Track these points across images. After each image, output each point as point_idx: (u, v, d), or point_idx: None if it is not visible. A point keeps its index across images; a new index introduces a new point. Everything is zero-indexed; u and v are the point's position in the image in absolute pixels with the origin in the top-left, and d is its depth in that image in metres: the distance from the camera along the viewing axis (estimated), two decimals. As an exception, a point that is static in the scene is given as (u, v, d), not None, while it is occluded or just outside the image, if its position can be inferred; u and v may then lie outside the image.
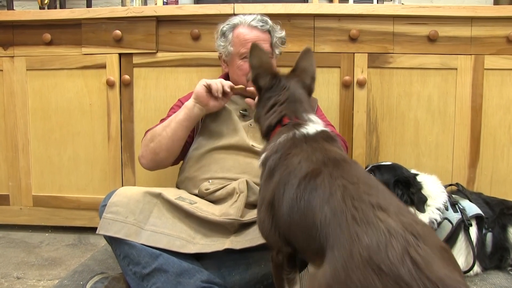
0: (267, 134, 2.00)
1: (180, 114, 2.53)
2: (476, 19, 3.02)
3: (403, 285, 1.19)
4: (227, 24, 2.76)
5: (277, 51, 2.78)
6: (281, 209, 1.68)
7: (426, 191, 2.44)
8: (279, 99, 1.98)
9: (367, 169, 2.58)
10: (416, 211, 2.38)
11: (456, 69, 3.05)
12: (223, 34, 2.77)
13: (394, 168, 2.50)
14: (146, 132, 2.67)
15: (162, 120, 2.71)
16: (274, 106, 1.99)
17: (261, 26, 2.71)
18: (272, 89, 2.03)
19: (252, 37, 2.66)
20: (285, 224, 1.67)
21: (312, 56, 2.18)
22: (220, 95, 2.50)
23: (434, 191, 2.46)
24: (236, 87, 2.56)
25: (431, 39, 3.03)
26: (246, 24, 2.71)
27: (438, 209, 2.40)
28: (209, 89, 2.49)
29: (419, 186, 2.43)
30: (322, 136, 1.84)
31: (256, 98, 2.15)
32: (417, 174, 2.51)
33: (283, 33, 2.80)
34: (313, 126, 1.87)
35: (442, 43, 3.04)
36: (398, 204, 1.44)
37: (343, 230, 1.36)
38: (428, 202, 2.41)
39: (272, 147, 1.86)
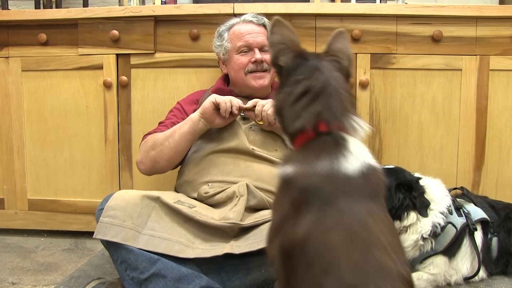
0: (293, 137, 1.54)
1: (185, 127, 2.53)
2: (481, 19, 3.02)
3: None
4: (224, 26, 2.82)
5: None
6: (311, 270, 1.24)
7: (429, 195, 2.44)
8: (311, 85, 1.51)
9: None
10: (419, 215, 2.38)
11: (461, 70, 3.05)
12: (220, 35, 2.81)
13: (396, 172, 2.49)
14: (145, 136, 2.68)
15: (160, 123, 2.71)
16: (305, 95, 1.51)
17: (256, 20, 2.76)
18: (298, 70, 1.57)
19: (247, 30, 2.71)
20: None
21: (346, 38, 1.75)
22: (227, 116, 2.51)
23: (438, 194, 2.45)
24: (245, 106, 2.55)
25: (435, 39, 3.03)
26: (241, 20, 2.77)
27: (442, 213, 2.39)
28: (217, 107, 2.49)
29: (421, 190, 2.43)
30: (367, 186, 1.37)
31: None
32: (420, 178, 2.51)
33: None
34: (356, 151, 1.40)
35: (447, 44, 3.05)
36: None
37: None
38: (431, 206, 2.41)
39: (306, 164, 1.41)
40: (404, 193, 2.39)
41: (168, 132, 2.57)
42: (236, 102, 2.52)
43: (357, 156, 1.38)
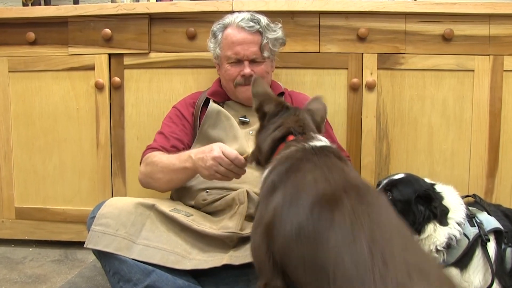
0: (269, 155, 1.92)
1: (187, 163, 2.41)
2: (495, 17, 3.02)
3: None
4: (219, 24, 2.77)
5: (265, 54, 2.71)
6: (282, 234, 1.53)
7: (446, 203, 2.43)
8: (286, 121, 1.96)
9: (380, 186, 2.53)
10: (437, 225, 2.36)
11: (473, 70, 3.05)
12: (214, 35, 2.79)
13: (411, 182, 2.45)
14: (145, 152, 2.66)
15: (159, 134, 2.69)
16: (279, 127, 1.95)
17: (250, 27, 2.67)
18: (278, 115, 2.01)
19: (239, 39, 2.66)
20: (285, 253, 1.54)
21: (322, 100, 2.19)
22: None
23: (453, 203, 2.42)
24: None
25: (446, 38, 3.04)
26: (235, 24, 2.70)
27: (459, 224, 2.37)
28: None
29: (440, 198, 2.41)
30: (333, 152, 1.77)
31: (255, 128, 2.17)
32: (434, 184, 2.49)
33: (279, 34, 2.75)
34: (321, 142, 1.84)
35: (458, 43, 3.05)
36: (437, 267, 1.33)
37: None
38: (448, 215, 2.40)
39: (279, 159, 1.79)
40: (424, 205, 2.37)
41: (168, 163, 2.49)
42: (240, 162, 2.30)
43: (321, 142, 1.82)
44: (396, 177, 2.41)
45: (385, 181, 2.41)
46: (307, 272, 1.40)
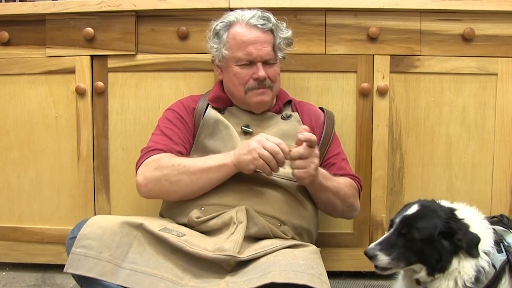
0: None
1: (225, 159, 2.44)
2: (521, 15, 3.03)
3: None
4: (222, 22, 2.74)
5: (280, 55, 2.73)
6: None
7: (472, 230, 2.35)
8: None
9: (395, 227, 2.44)
10: (464, 257, 2.29)
11: (496, 74, 3.05)
12: (217, 34, 2.74)
13: (429, 216, 2.34)
14: (151, 151, 2.61)
15: (160, 136, 2.66)
16: None
17: (262, 25, 2.66)
18: None
19: (251, 38, 2.64)
20: None
21: None
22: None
23: (479, 228, 2.36)
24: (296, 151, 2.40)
25: (466, 38, 3.03)
26: (244, 22, 2.68)
27: (487, 254, 2.30)
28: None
29: (464, 226, 2.34)
30: None
31: None
32: (454, 210, 2.42)
33: (289, 33, 2.76)
34: None
35: (479, 43, 3.05)
36: None
37: None
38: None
39: None
40: (448, 239, 2.29)
41: (193, 164, 2.48)
42: (285, 149, 2.36)
43: None
44: (410, 212, 2.32)
45: (398, 219, 2.33)
46: None
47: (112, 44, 3.16)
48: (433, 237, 2.23)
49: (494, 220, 2.63)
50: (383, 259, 2.23)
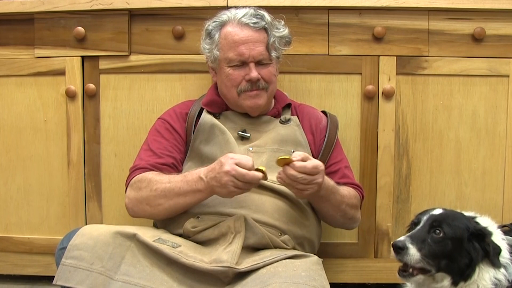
0: None
1: (198, 185, 2.40)
2: (534, 14, 3.02)
3: None
4: (214, 22, 2.74)
5: (274, 54, 2.71)
6: None
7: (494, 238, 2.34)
8: None
9: (423, 223, 2.37)
10: (484, 267, 2.27)
11: (508, 76, 3.05)
12: (209, 34, 2.75)
13: (458, 217, 2.32)
14: (135, 171, 2.62)
15: (146, 151, 2.67)
16: None
17: (254, 23, 2.66)
18: None
19: (242, 37, 2.64)
20: None
21: None
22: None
23: (497, 239, 2.35)
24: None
25: (477, 38, 3.03)
26: (236, 21, 2.67)
27: (504, 266, 2.27)
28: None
29: (490, 233, 2.32)
30: None
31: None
32: (474, 217, 2.40)
33: (285, 31, 2.75)
34: None
35: (490, 44, 3.05)
36: None
37: None
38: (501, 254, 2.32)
39: None
40: (479, 243, 2.27)
41: (171, 188, 2.46)
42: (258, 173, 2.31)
43: None
44: (436, 212, 2.31)
45: (425, 217, 2.28)
46: None
47: (104, 44, 3.15)
48: (464, 238, 2.21)
49: (505, 229, 2.62)
50: (414, 253, 2.12)
